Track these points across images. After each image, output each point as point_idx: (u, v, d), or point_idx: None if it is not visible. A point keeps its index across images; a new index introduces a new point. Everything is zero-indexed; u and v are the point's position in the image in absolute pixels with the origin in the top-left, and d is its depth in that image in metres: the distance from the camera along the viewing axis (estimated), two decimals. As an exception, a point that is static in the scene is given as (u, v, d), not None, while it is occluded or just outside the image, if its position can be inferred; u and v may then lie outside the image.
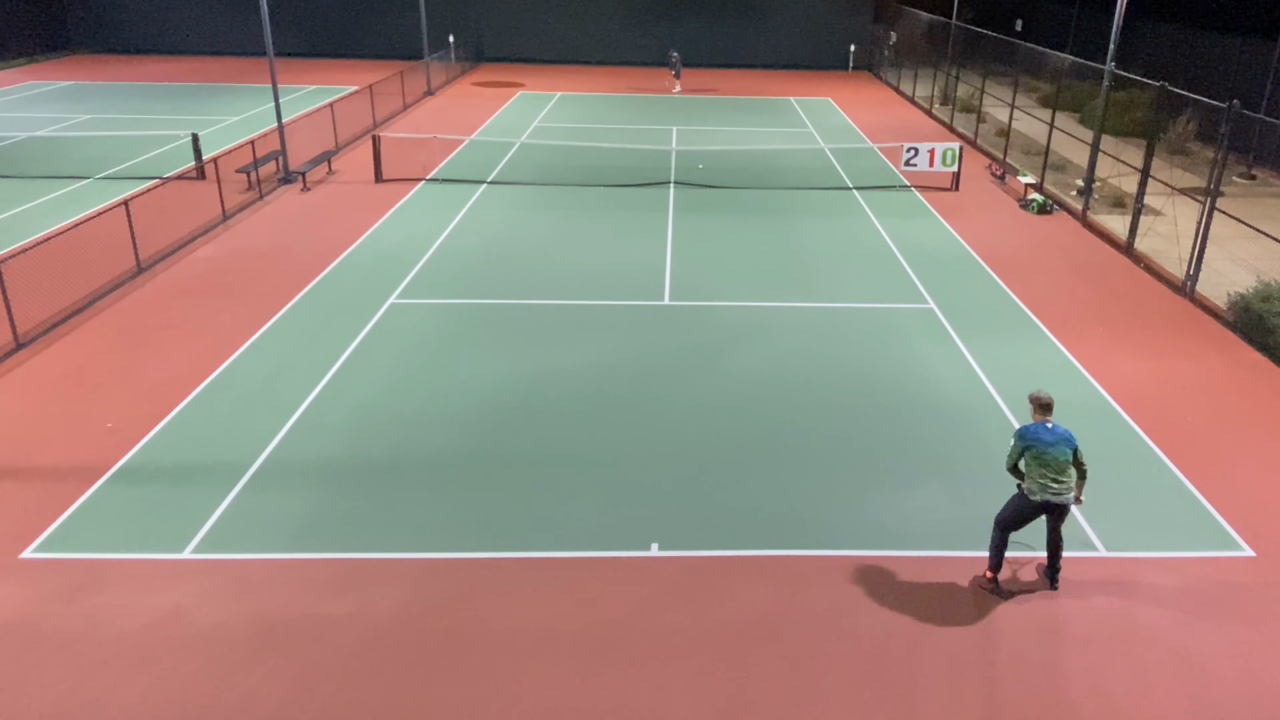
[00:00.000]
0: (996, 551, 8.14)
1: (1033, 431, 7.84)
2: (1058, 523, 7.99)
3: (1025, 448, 7.82)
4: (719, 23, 42.76)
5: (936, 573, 8.39)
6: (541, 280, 15.55)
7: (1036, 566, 8.43)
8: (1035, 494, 7.82)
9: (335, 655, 7.40)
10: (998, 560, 8.16)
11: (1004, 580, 8.30)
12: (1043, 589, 8.21)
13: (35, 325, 13.34)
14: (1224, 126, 14.41)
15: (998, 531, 8.13)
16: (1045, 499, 7.79)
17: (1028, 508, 7.91)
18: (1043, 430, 7.83)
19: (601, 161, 23.88)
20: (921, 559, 8.61)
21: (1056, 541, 8.11)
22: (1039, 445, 7.76)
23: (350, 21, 42.59)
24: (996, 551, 8.14)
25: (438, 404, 11.38)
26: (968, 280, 15.87)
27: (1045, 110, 29.07)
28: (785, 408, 11.38)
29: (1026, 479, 7.91)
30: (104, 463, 10.04)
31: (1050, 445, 7.75)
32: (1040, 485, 7.79)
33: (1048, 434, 7.80)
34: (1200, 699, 7.06)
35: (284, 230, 18.06)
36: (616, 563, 8.54)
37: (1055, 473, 7.75)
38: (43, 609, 7.84)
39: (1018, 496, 8.00)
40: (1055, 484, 7.77)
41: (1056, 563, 8.16)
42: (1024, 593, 8.18)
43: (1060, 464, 7.75)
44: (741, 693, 7.09)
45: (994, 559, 8.17)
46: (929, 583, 8.28)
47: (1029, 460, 7.84)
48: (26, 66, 39.40)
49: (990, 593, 8.13)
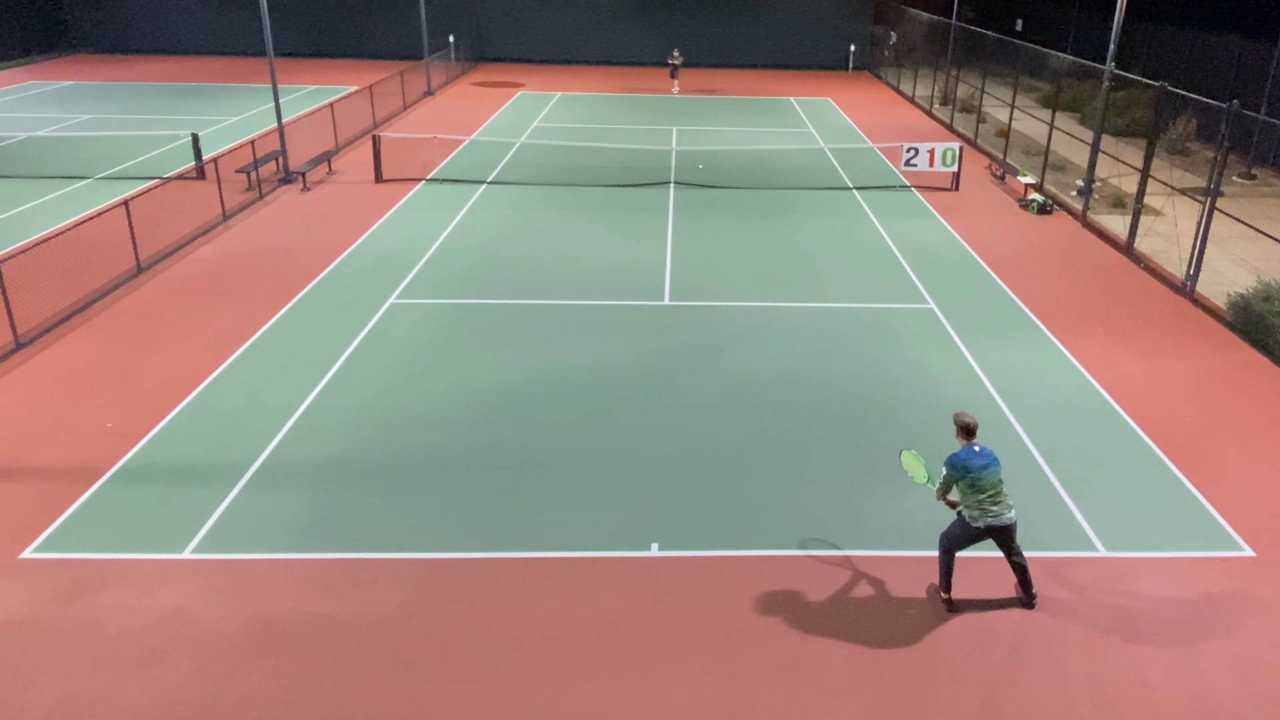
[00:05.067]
0: (946, 572, 7.92)
1: (963, 459, 7.56)
2: (1009, 543, 7.75)
3: (958, 478, 7.58)
4: (719, 23, 42.75)
5: (936, 573, 8.37)
6: (541, 280, 15.55)
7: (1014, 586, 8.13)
8: (977, 520, 7.59)
9: (335, 655, 7.40)
10: (948, 580, 7.96)
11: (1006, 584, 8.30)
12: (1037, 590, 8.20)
13: (35, 325, 13.35)
14: (1224, 126, 14.41)
15: (943, 553, 7.91)
16: (987, 523, 7.58)
17: (972, 533, 7.69)
18: (972, 456, 7.58)
19: (601, 161, 23.88)
20: (921, 559, 8.61)
21: (1018, 563, 7.86)
22: (972, 472, 7.52)
23: (350, 21, 42.59)
24: (946, 572, 7.92)
25: (438, 404, 11.38)
26: (968, 280, 15.87)
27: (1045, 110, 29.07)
28: (785, 407, 11.38)
29: (964, 506, 7.67)
30: (104, 463, 10.04)
31: (983, 469, 7.52)
32: (980, 511, 7.57)
33: (978, 459, 7.56)
34: (1200, 699, 7.06)
35: (284, 230, 18.06)
36: (616, 563, 8.54)
37: (992, 495, 7.55)
38: (43, 609, 7.84)
39: (959, 522, 7.78)
40: (994, 506, 7.55)
41: (1027, 579, 7.90)
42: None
43: (994, 485, 7.54)
44: (741, 693, 7.09)
45: (944, 579, 7.95)
46: (929, 583, 8.28)
47: (962, 487, 7.60)
48: (26, 66, 39.40)
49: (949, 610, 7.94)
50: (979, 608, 8.00)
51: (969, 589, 8.20)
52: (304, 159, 22.93)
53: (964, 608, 7.99)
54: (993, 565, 8.47)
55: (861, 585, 8.28)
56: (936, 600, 8.06)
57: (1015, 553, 7.84)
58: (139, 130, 26.79)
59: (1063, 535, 8.97)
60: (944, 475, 7.70)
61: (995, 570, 8.40)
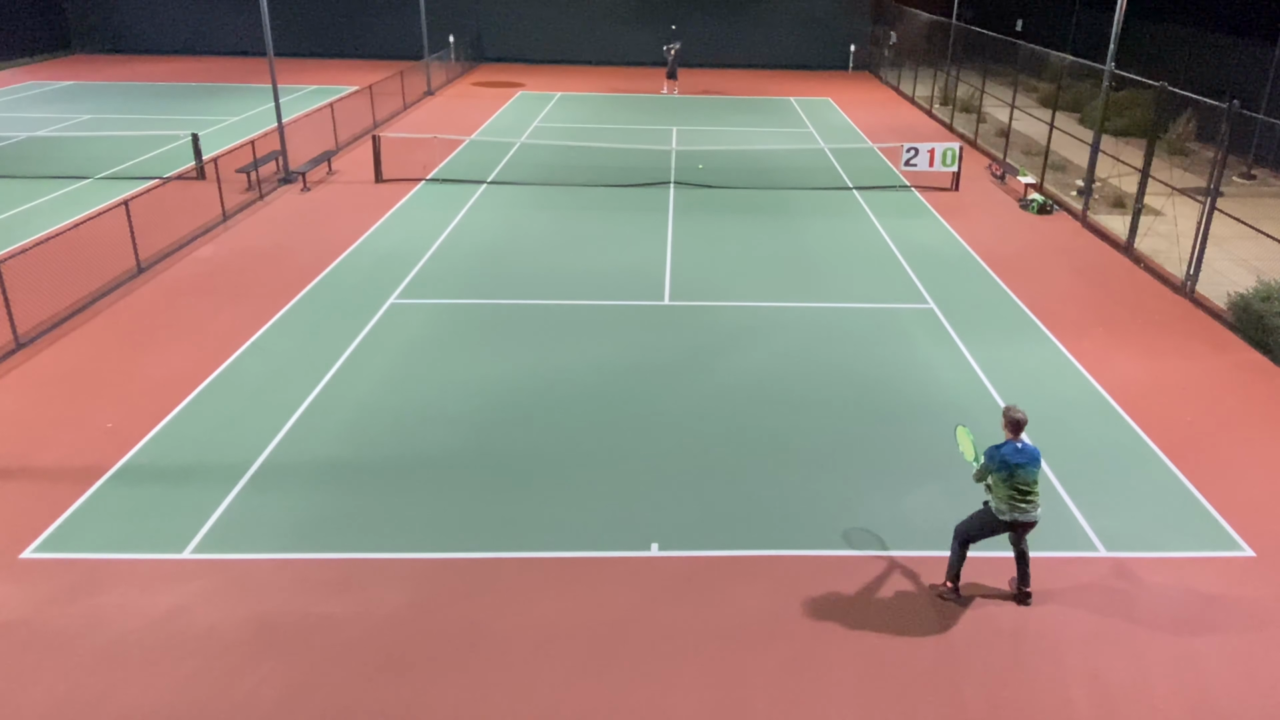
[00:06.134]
0: (957, 562, 7.99)
1: (1006, 454, 7.58)
2: (1022, 536, 7.87)
3: (995, 469, 7.61)
4: (719, 23, 42.75)
5: (936, 573, 8.38)
6: (541, 280, 15.55)
7: (1009, 581, 8.24)
8: (1004, 513, 7.66)
9: (335, 655, 7.40)
10: (957, 572, 8.02)
11: (1004, 583, 8.30)
12: (1033, 585, 8.19)
13: (35, 325, 13.34)
14: (1224, 126, 14.41)
15: (957, 544, 7.97)
16: (1014, 518, 7.66)
17: (993, 524, 7.76)
18: (1015, 452, 7.57)
19: (601, 161, 23.88)
20: (921, 559, 8.61)
21: (1023, 551, 7.98)
22: (1011, 467, 7.55)
23: (350, 21, 42.58)
24: (957, 562, 7.99)
25: (438, 404, 11.38)
26: (968, 280, 15.87)
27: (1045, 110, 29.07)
28: (785, 408, 11.38)
29: (994, 498, 7.72)
30: (104, 463, 10.04)
31: (1022, 466, 7.55)
32: (1010, 505, 7.63)
33: (1019, 455, 7.56)
34: (1200, 699, 7.06)
35: (284, 230, 18.06)
36: (616, 563, 8.54)
37: (1025, 492, 7.62)
38: (43, 609, 7.84)
39: (983, 512, 7.84)
40: (1025, 503, 7.62)
41: (1026, 571, 7.99)
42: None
43: (1030, 484, 7.60)
44: (741, 693, 7.09)
45: (954, 570, 8.03)
46: (929, 583, 8.28)
47: (997, 480, 7.65)
48: (27, 66, 39.40)
49: (952, 603, 7.99)
50: (979, 607, 8.00)
51: (969, 588, 8.21)
52: (304, 159, 22.92)
53: (965, 606, 7.99)
54: (993, 565, 8.49)
55: (862, 585, 8.27)
56: (937, 600, 8.05)
57: (1024, 544, 7.95)
58: (139, 130, 26.78)
59: (1063, 535, 8.96)
60: (982, 464, 7.75)
61: (995, 570, 8.41)
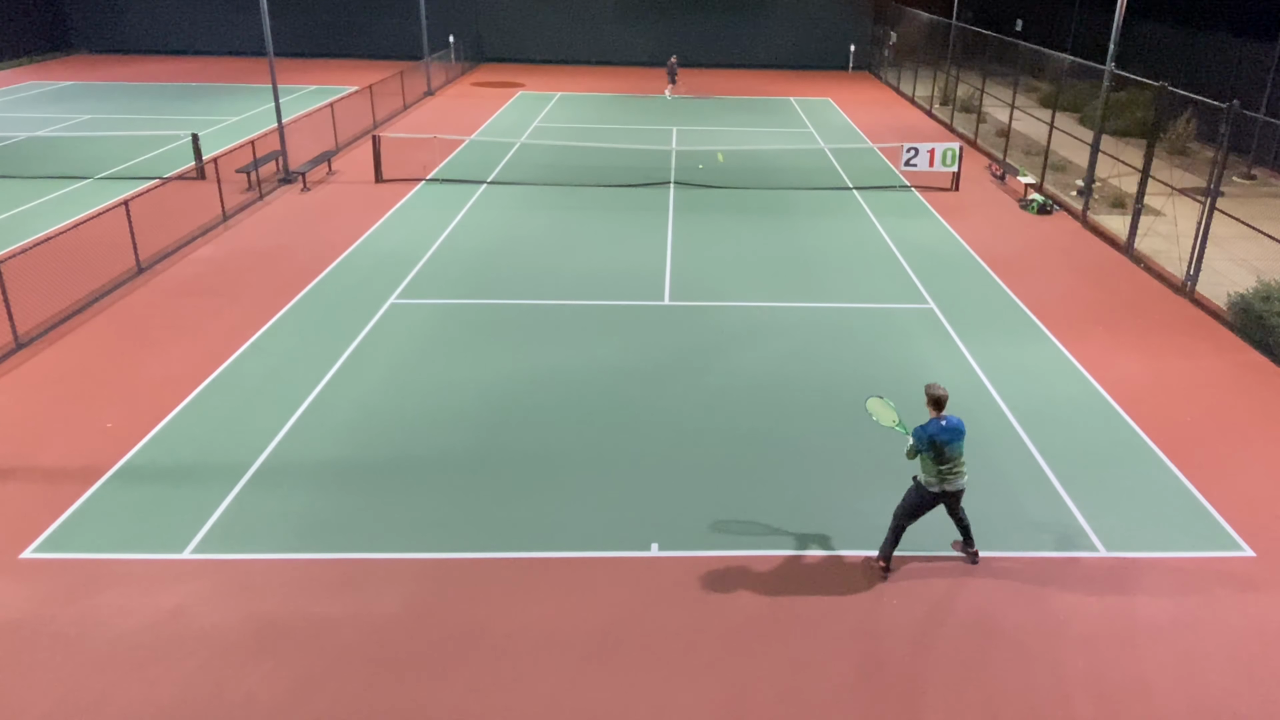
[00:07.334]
0: (893, 541, 8.35)
1: (931, 432, 7.90)
2: (956, 504, 8.27)
3: (924, 449, 7.94)
4: (719, 23, 42.76)
5: (936, 573, 8.39)
6: (541, 280, 15.55)
7: (952, 544, 8.74)
8: (934, 485, 8.07)
9: (335, 655, 7.40)
10: (891, 550, 8.38)
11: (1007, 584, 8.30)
12: (1033, 585, 8.20)
13: (35, 325, 13.35)
14: (1224, 126, 14.41)
15: (896, 523, 8.32)
16: (943, 488, 8.05)
17: (928, 499, 8.14)
18: (940, 430, 7.92)
19: (601, 161, 23.88)
20: (921, 559, 8.61)
21: (961, 520, 8.44)
22: (939, 444, 7.90)
23: (350, 21, 42.59)
24: (893, 541, 8.35)
25: (438, 404, 11.38)
26: (968, 280, 15.87)
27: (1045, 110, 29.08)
28: (785, 407, 11.38)
29: (923, 473, 8.11)
30: (104, 463, 10.04)
31: (949, 443, 7.92)
32: (939, 477, 8.03)
33: (945, 433, 7.91)
34: (1200, 699, 7.06)
35: (284, 230, 18.06)
36: (616, 563, 8.54)
37: (952, 464, 7.98)
38: (43, 609, 7.84)
39: (914, 489, 8.22)
40: (952, 474, 8.02)
41: (969, 536, 8.51)
42: (1023, 593, 8.19)
43: (956, 457, 7.99)
44: (741, 693, 7.09)
45: (888, 548, 8.38)
46: (929, 582, 8.29)
47: (925, 458, 8.04)
48: (26, 66, 39.40)
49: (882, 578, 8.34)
50: (979, 608, 8.00)
51: (969, 588, 8.21)
52: (304, 159, 22.93)
53: (965, 607, 7.99)
54: (994, 565, 8.49)
55: (862, 585, 8.28)
56: (937, 600, 8.06)
57: (960, 512, 8.41)
58: (139, 130, 26.79)
59: (1063, 535, 8.97)
60: (910, 445, 8.09)
61: (996, 569, 8.42)
